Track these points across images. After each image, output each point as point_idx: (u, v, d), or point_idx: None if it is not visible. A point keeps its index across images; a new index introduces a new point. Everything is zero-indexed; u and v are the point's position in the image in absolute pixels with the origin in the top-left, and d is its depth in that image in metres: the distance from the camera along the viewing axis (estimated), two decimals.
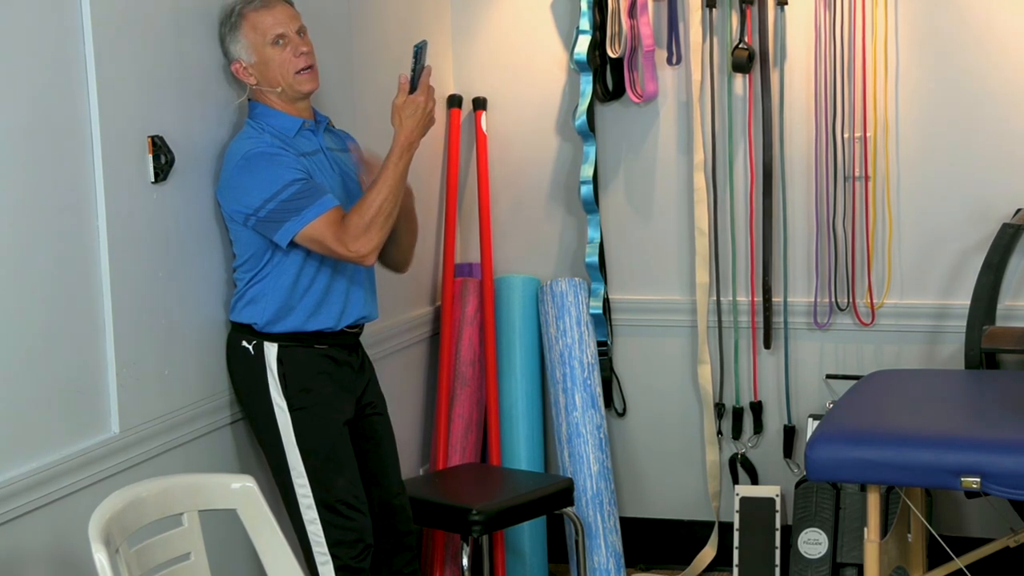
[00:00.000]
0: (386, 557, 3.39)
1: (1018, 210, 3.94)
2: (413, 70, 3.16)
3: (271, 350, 3.18)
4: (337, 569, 3.18)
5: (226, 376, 3.32)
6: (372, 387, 3.40)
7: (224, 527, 2.86)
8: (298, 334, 3.20)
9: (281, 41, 3.17)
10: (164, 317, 3.09)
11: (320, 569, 3.19)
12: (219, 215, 3.28)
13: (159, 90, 3.06)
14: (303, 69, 3.19)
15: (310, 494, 3.19)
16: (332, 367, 3.25)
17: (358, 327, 3.34)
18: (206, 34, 3.23)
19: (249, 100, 3.25)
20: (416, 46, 3.15)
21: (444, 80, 4.42)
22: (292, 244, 3.11)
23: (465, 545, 3.64)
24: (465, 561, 3.65)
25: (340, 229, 3.07)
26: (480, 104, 4.39)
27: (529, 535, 4.25)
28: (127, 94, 2.95)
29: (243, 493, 2.70)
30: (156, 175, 3.03)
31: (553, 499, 3.79)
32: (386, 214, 3.10)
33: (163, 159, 3.04)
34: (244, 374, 3.24)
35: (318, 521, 3.19)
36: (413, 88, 3.16)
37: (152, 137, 3.02)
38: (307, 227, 3.06)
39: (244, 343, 3.21)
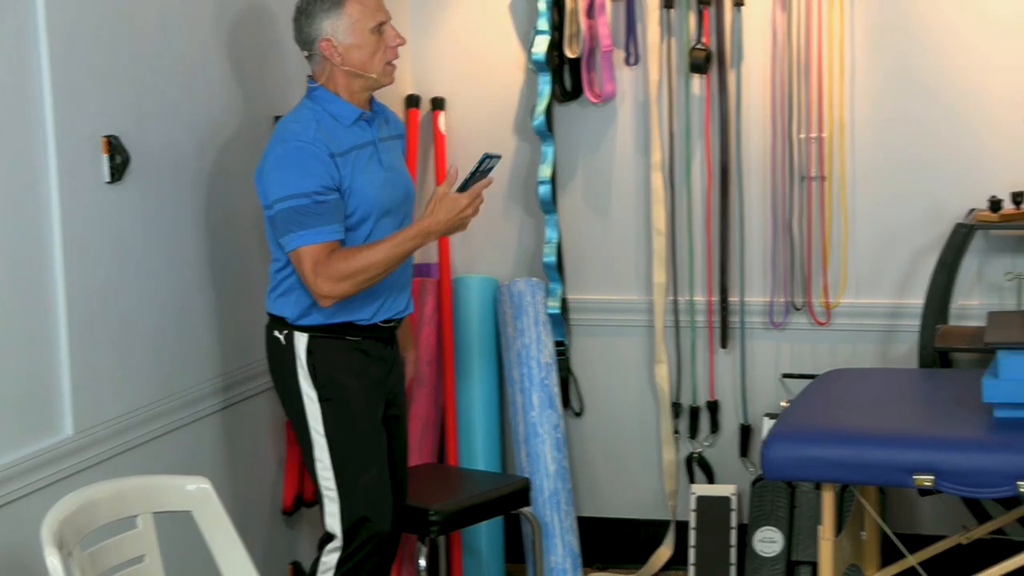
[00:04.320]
0: None
1: (971, 210, 3.98)
2: (472, 173, 3.10)
3: (301, 340, 3.16)
4: (341, 560, 3.18)
5: (183, 377, 3.30)
6: (400, 386, 3.38)
7: (179, 529, 2.85)
8: (329, 326, 3.17)
9: (381, 28, 3.16)
10: (119, 318, 3.07)
11: (325, 556, 3.19)
12: (176, 214, 3.27)
13: (114, 90, 3.04)
14: (390, 61, 3.19)
15: (334, 486, 3.17)
16: (363, 361, 3.22)
17: (394, 321, 3.30)
18: (161, 34, 3.21)
19: (309, 81, 3.20)
20: (487, 155, 3.09)
21: (402, 80, 4.41)
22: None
23: (422, 545, 3.64)
24: (422, 561, 3.64)
25: (323, 262, 3.04)
26: (438, 104, 4.39)
27: (486, 535, 4.26)
28: (81, 94, 2.93)
29: (199, 495, 2.69)
30: (112, 175, 3.01)
31: (510, 499, 3.80)
32: (369, 277, 3.08)
33: (118, 159, 3.03)
34: (277, 363, 3.22)
35: (337, 514, 3.17)
36: (463, 188, 3.11)
37: (107, 137, 3.00)
38: (301, 248, 3.04)
39: (276, 332, 3.20)
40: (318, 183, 3.05)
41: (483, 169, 3.09)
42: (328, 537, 3.20)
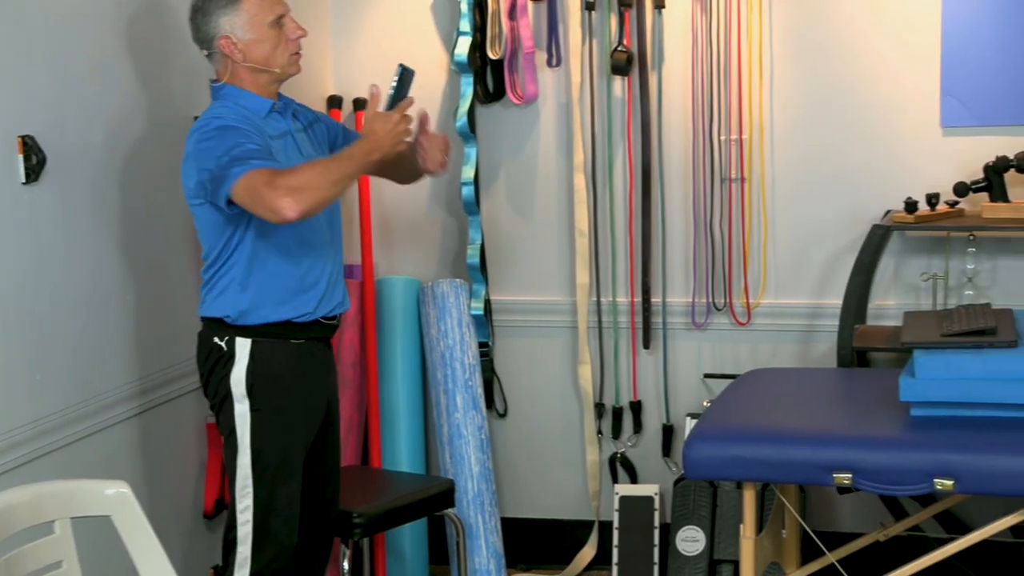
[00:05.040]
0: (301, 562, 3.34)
1: (887, 212, 4.03)
2: (394, 89, 3.06)
3: (244, 347, 3.09)
4: (251, 573, 3.14)
5: (101, 380, 3.26)
6: (335, 392, 3.34)
7: (98, 534, 2.81)
8: (273, 326, 3.11)
9: (281, 22, 3.12)
10: (35, 321, 3.03)
11: (236, 569, 3.15)
12: (94, 215, 3.22)
13: (29, 90, 3.00)
14: (294, 53, 3.15)
15: (251, 495, 3.12)
16: (308, 365, 3.18)
17: (335, 318, 3.26)
18: (77, 33, 3.17)
19: (212, 83, 3.15)
20: (403, 67, 3.05)
21: (323, 80, 4.40)
22: (233, 205, 2.96)
23: (345, 548, 3.63)
24: (345, 564, 3.63)
25: (273, 181, 2.87)
26: (360, 105, 4.37)
27: (410, 537, 4.25)
28: None
29: (118, 499, 2.66)
30: (27, 176, 2.97)
31: (434, 501, 3.79)
32: (321, 185, 2.90)
33: (34, 159, 2.98)
34: (211, 368, 3.14)
35: (250, 523, 3.13)
36: (390, 107, 3.06)
37: (22, 137, 2.96)
38: (246, 174, 2.89)
39: (216, 339, 3.12)
40: (254, 141, 2.98)
41: (403, 84, 3.06)
42: (233, 543, 3.17)
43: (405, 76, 3.08)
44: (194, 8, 3.12)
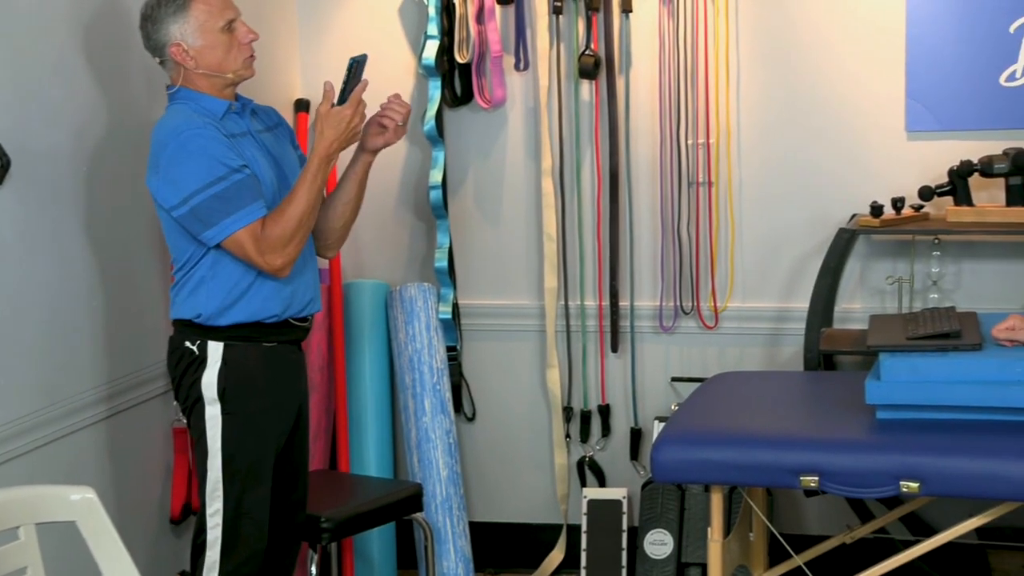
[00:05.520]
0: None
1: (853, 215, 4.05)
2: (345, 82, 3.08)
3: (216, 350, 3.09)
4: None
5: (66, 385, 3.24)
6: (307, 396, 3.33)
7: (63, 540, 2.79)
8: (243, 327, 3.10)
9: (231, 26, 3.11)
10: None
11: (205, 573, 3.13)
12: (58, 218, 3.20)
13: None
14: (248, 56, 3.15)
15: (221, 499, 3.11)
16: (280, 368, 3.17)
17: (306, 320, 3.26)
18: (40, 35, 3.15)
19: (168, 88, 3.14)
20: (353, 59, 3.07)
21: (291, 84, 4.39)
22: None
23: (313, 553, 3.62)
24: (313, 569, 3.62)
25: (262, 238, 3.01)
26: None
27: (378, 541, 4.24)
28: None
29: (83, 505, 2.64)
30: None
31: (402, 505, 3.79)
32: (305, 228, 3.07)
33: None
34: (182, 371, 3.12)
35: (220, 526, 3.12)
36: (342, 100, 3.09)
37: None
38: (237, 232, 2.99)
39: (187, 343, 3.11)
40: (228, 163, 3.00)
41: (354, 74, 3.08)
42: (202, 547, 3.16)
43: (355, 66, 3.09)
44: (143, 16, 3.10)
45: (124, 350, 3.49)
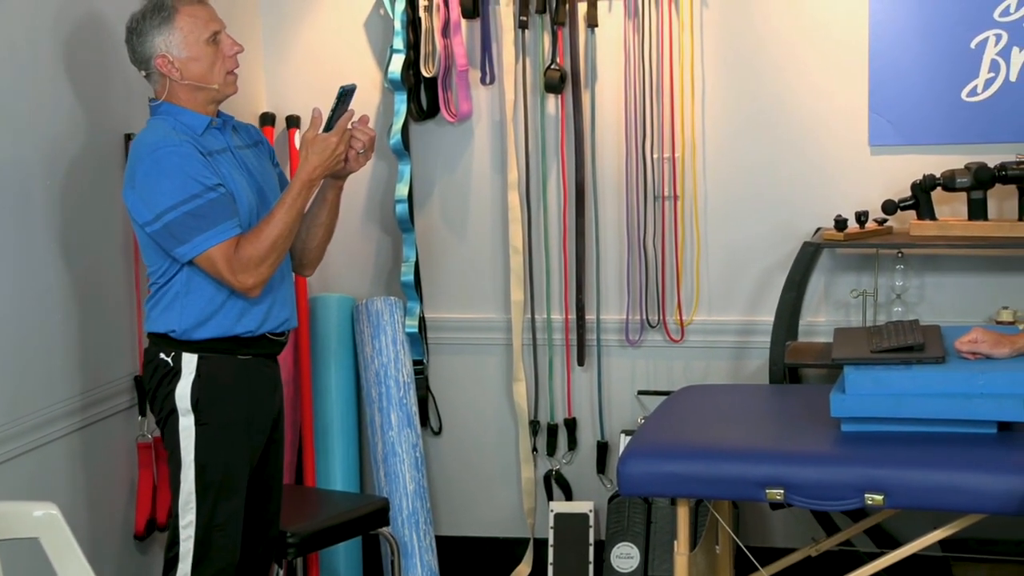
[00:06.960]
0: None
1: (818, 229, 4.08)
2: (333, 110, 3.10)
3: (190, 362, 3.08)
4: None
5: (32, 399, 3.22)
6: (282, 409, 3.33)
7: (26, 557, 2.77)
8: (219, 341, 3.10)
9: (216, 39, 3.11)
10: None
11: None
12: (27, 231, 3.18)
13: None
14: (231, 70, 3.15)
15: (194, 511, 3.10)
16: (254, 381, 3.17)
17: (282, 334, 3.26)
18: (5, 49, 3.13)
19: (151, 101, 3.14)
20: (343, 88, 3.10)
21: (256, 98, 4.38)
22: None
23: (279, 568, 3.60)
24: None
25: (234, 257, 3.02)
26: (293, 122, 4.36)
27: (344, 556, 4.23)
28: None
29: (46, 521, 2.62)
30: None
31: (368, 519, 3.78)
32: (280, 250, 3.07)
33: None
34: (157, 383, 3.12)
35: (192, 539, 3.11)
36: (328, 127, 3.11)
37: None
38: (209, 250, 3.00)
39: (162, 355, 3.10)
40: (203, 181, 3.01)
41: (343, 102, 3.11)
42: (174, 560, 3.13)
43: (344, 96, 3.12)
44: (129, 30, 3.11)
45: (91, 364, 3.47)
